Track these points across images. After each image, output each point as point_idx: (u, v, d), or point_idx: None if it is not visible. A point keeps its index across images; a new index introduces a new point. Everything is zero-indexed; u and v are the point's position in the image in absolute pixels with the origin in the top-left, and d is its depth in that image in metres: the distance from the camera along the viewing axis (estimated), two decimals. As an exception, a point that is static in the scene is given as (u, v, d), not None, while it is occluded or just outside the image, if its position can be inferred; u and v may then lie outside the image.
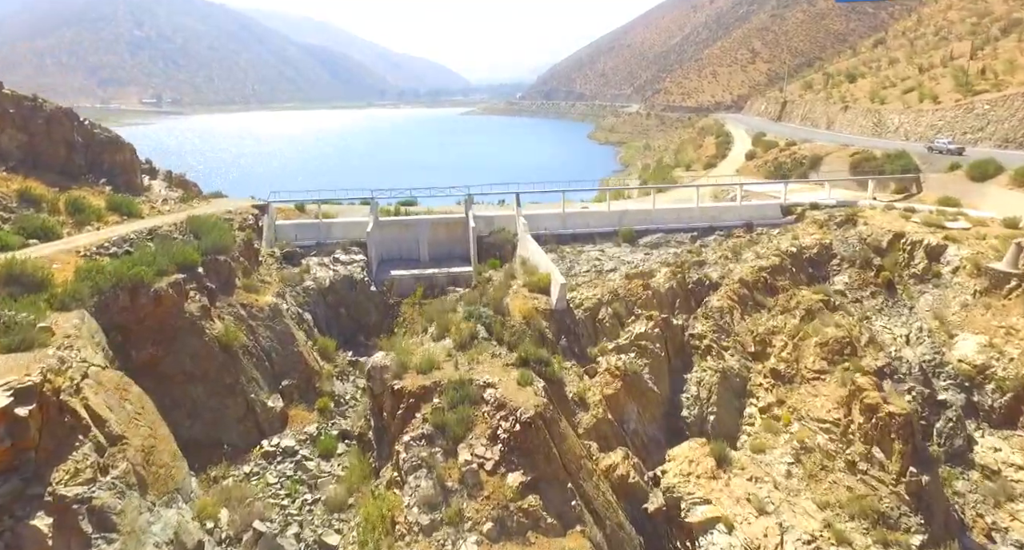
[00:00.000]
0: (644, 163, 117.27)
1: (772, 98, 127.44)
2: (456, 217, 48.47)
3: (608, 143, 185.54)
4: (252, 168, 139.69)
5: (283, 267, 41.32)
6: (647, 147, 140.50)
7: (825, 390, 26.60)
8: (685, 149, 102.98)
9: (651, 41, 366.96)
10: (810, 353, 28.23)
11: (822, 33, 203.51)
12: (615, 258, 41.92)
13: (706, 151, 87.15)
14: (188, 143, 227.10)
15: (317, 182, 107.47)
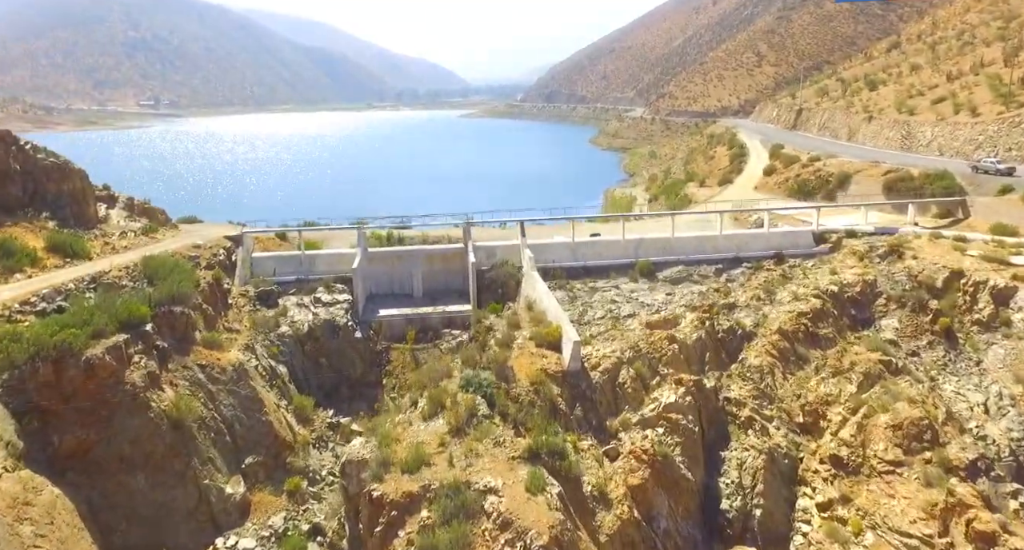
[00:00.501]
0: (651, 173, 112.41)
1: (784, 105, 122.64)
2: (453, 248, 43.58)
3: (611, 149, 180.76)
4: (242, 179, 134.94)
5: (257, 309, 36.39)
6: (652, 155, 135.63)
7: (905, 489, 21.79)
8: (695, 159, 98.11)
9: (652, 43, 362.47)
10: (880, 437, 23.38)
11: (830, 36, 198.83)
12: (633, 299, 36.99)
13: (719, 163, 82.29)
14: (181, 147, 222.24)
15: (308, 197, 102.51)
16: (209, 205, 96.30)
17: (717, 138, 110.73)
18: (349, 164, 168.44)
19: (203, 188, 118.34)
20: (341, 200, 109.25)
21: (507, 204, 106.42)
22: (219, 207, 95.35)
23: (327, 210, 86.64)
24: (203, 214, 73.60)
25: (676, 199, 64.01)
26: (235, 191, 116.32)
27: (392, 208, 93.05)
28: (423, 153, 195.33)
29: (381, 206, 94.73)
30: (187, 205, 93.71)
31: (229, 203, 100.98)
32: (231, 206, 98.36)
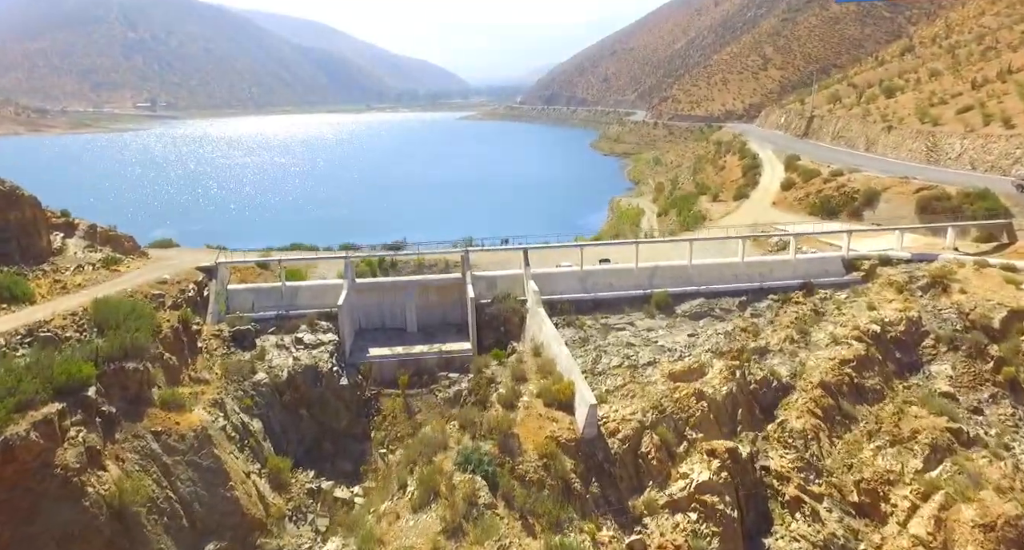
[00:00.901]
0: (657, 181, 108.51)
1: (793, 110, 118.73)
2: (450, 279, 39.69)
3: (613, 154, 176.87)
4: (230, 186, 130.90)
5: (231, 352, 32.45)
6: (657, 162, 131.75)
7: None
8: (703, 168, 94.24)
9: (654, 45, 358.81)
10: (968, 539, 19.47)
11: (836, 39, 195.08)
12: (651, 342, 33.01)
13: (731, 174, 78.41)
14: (175, 152, 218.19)
15: (300, 210, 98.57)
16: (192, 220, 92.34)
17: (725, 146, 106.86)
18: (344, 168, 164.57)
19: (186, 200, 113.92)
20: (334, 209, 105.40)
21: (508, 213, 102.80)
22: (204, 220, 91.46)
23: (318, 224, 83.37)
24: (183, 234, 69.72)
25: (689, 215, 60.18)
26: (222, 200, 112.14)
27: (388, 218, 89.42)
28: (422, 157, 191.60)
29: (376, 217, 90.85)
30: (169, 220, 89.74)
31: (214, 217, 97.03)
32: (216, 220, 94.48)
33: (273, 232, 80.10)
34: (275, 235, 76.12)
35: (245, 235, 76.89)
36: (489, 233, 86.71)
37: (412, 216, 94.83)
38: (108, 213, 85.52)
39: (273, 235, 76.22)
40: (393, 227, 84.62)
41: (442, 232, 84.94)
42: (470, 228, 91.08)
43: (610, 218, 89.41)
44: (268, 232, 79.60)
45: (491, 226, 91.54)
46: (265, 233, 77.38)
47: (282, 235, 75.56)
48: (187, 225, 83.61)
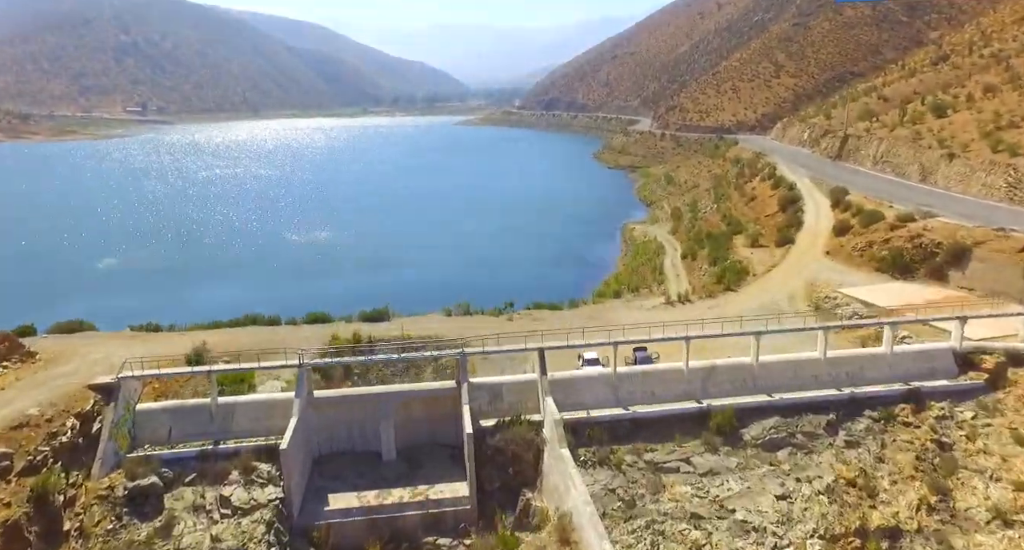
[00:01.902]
0: (672, 206, 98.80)
1: (818, 126, 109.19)
2: (441, 390, 29.88)
3: (618, 167, 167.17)
4: (200, 212, 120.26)
5: (123, 525, 22.62)
6: (669, 180, 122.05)
7: None
8: (727, 194, 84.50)
9: (655, 49, 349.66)
10: None
11: (852, 44, 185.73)
12: (723, 507, 23.22)
13: (764, 206, 68.71)
14: (157, 162, 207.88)
15: (274, 240, 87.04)
16: (136, 265, 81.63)
17: (748, 166, 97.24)
18: (331, 182, 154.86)
19: (142, 228, 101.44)
20: (312, 239, 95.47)
21: (508, 242, 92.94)
22: (154, 258, 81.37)
23: (289, 268, 72.75)
24: (113, 296, 59.99)
25: (726, 266, 50.44)
26: (186, 229, 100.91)
27: (372, 252, 79.14)
28: (416, 167, 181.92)
29: (358, 252, 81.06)
30: (107, 258, 79.21)
31: (167, 255, 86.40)
32: (168, 259, 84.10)
33: (234, 279, 70.36)
34: (235, 286, 66.32)
35: (194, 288, 66.98)
36: (487, 268, 77.04)
37: (400, 248, 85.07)
38: (22, 261, 74.86)
39: (232, 286, 66.42)
40: (378, 264, 74.85)
41: (433, 273, 74.97)
42: (465, 263, 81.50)
43: (624, 253, 79.60)
44: (227, 281, 69.71)
45: (489, 258, 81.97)
46: (222, 284, 67.49)
47: (244, 286, 65.66)
48: (118, 282, 71.77)
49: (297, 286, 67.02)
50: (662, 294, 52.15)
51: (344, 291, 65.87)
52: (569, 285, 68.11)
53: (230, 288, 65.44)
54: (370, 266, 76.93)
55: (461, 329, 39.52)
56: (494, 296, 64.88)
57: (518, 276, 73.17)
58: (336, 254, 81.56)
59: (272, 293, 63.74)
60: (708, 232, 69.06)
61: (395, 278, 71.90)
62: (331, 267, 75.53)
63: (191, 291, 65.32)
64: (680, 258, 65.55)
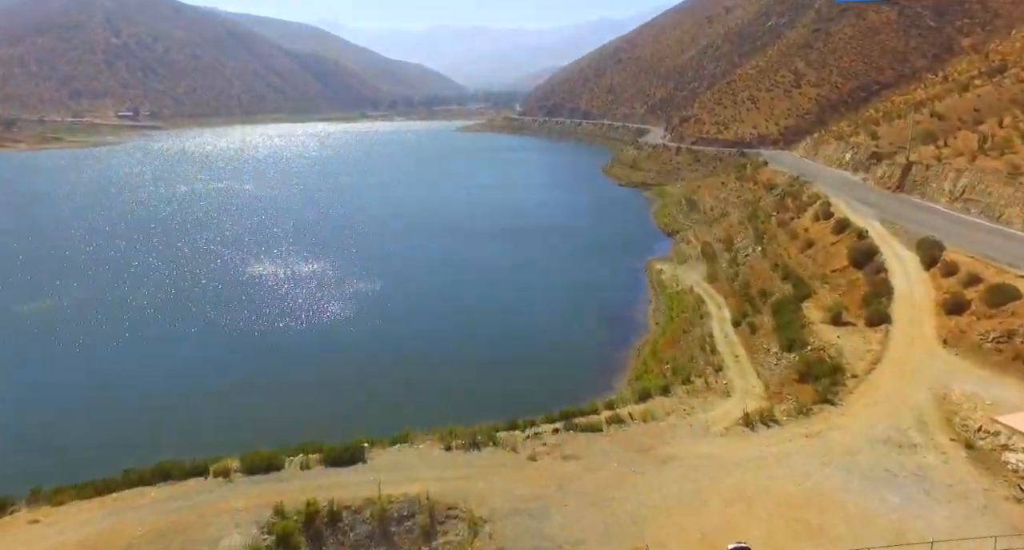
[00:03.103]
0: (702, 240, 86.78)
1: (863, 147, 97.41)
2: None
3: (631, 184, 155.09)
4: (160, 248, 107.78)
5: None
6: (691, 204, 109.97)
7: None
8: (771, 232, 72.38)
9: (662, 54, 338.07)
10: None
11: (877, 52, 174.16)
12: None
13: (829, 257, 56.71)
14: (138, 174, 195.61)
15: (237, 286, 70.22)
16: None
17: (787, 194, 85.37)
18: (315, 203, 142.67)
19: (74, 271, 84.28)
20: (279, 268, 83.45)
21: (517, 283, 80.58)
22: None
23: (243, 332, 58.00)
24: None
25: (810, 361, 38.34)
26: (132, 267, 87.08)
27: (352, 309, 65.96)
28: (411, 183, 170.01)
29: (337, 306, 68.64)
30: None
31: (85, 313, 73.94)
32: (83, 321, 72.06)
33: (155, 356, 57.51)
34: (153, 369, 53.29)
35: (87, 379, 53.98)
36: (492, 322, 64.69)
37: (385, 299, 72.84)
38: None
39: (150, 371, 53.45)
40: (357, 329, 62.47)
41: (424, 328, 62.87)
42: (465, 314, 69.13)
43: (654, 305, 67.41)
44: (143, 362, 56.57)
45: (495, 304, 70.02)
46: (134, 375, 54.31)
47: (165, 371, 52.31)
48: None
49: (241, 366, 54.52)
50: (725, 393, 40.11)
51: (305, 365, 53.72)
52: (593, 354, 56.12)
53: (142, 378, 52.58)
54: (343, 324, 64.76)
55: (464, 483, 27.66)
56: (501, 374, 52.86)
57: (529, 333, 61.21)
58: (303, 307, 69.12)
59: (204, 379, 51.38)
60: (761, 289, 57.03)
61: (375, 339, 59.79)
62: (293, 329, 63.13)
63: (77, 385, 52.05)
64: (731, 325, 53.35)
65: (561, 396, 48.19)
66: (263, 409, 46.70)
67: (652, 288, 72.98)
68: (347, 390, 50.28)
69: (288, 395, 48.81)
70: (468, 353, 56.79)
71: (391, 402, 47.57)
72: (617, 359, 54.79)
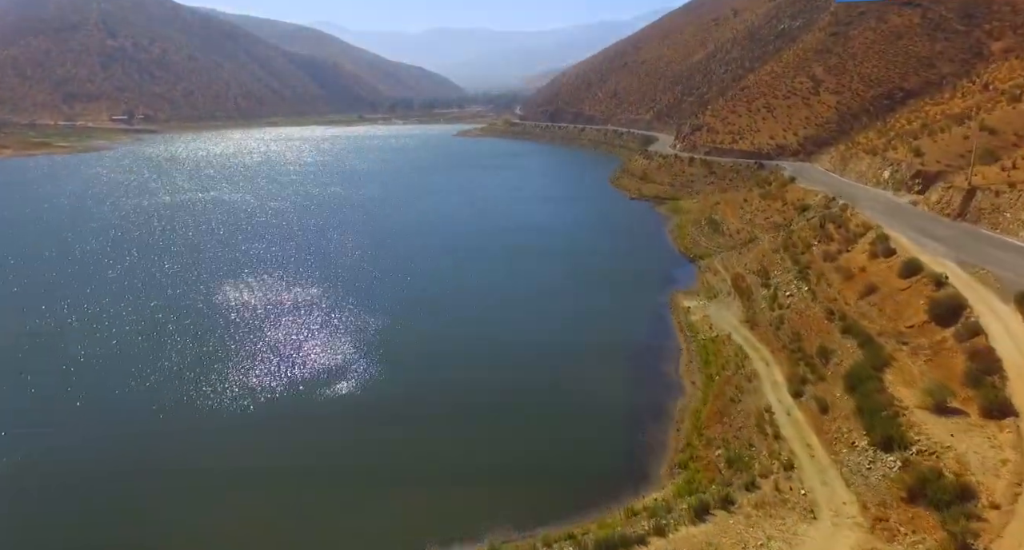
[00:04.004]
0: (732, 271, 77.66)
1: (904, 164, 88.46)
2: None
3: (642, 197, 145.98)
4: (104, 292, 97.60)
5: None
6: (713, 225, 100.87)
7: None
8: (815, 268, 63.44)
9: (667, 58, 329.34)
10: None
11: (901, 57, 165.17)
12: None
13: (899, 308, 47.64)
14: (123, 182, 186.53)
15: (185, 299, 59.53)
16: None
17: (825, 217, 76.27)
18: (303, 215, 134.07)
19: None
20: (245, 309, 74.69)
21: (525, 316, 71.35)
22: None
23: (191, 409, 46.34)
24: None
25: (923, 474, 29.41)
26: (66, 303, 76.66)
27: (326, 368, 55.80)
28: (406, 198, 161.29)
29: (302, 368, 59.36)
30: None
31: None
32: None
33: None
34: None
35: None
36: (501, 366, 55.80)
37: (367, 344, 63.78)
38: None
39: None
40: (329, 386, 53.19)
41: (411, 409, 50.24)
42: (464, 373, 59.48)
43: (687, 356, 58.24)
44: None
45: (496, 359, 57.78)
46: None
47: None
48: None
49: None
50: (807, 511, 30.94)
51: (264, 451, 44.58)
52: (620, 421, 47.12)
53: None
54: (318, 379, 55.78)
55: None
56: (503, 449, 43.65)
57: (540, 389, 52.17)
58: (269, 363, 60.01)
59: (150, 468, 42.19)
60: (820, 346, 47.87)
61: (347, 400, 50.69)
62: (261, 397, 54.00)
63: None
64: (788, 392, 44.22)
65: (585, 486, 39.37)
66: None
67: (681, 331, 63.80)
68: (323, 469, 41.29)
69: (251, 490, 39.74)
70: (462, 418, 47.74)
71: (359, 496, 38.63)
72: (652, 431, 45.70)
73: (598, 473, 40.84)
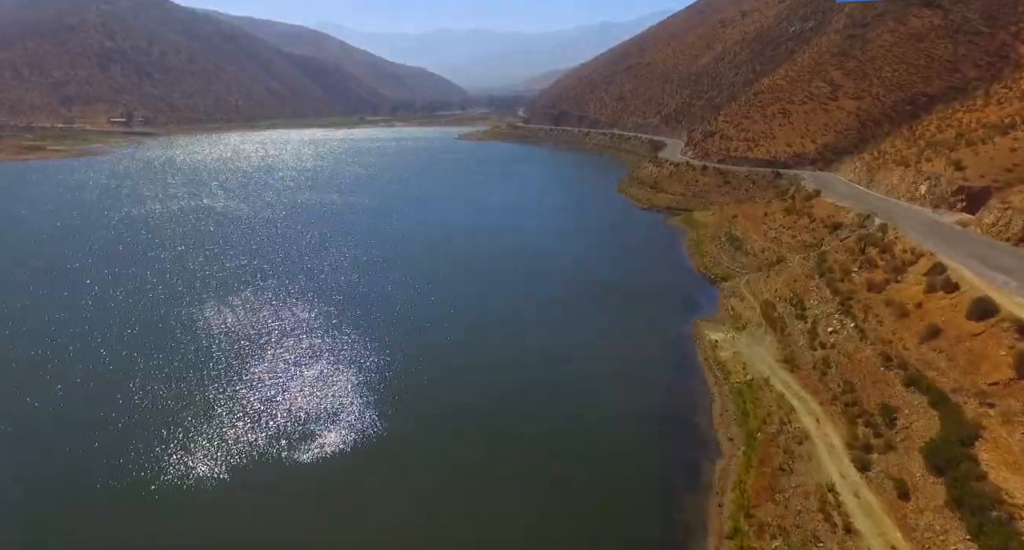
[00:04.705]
0: (761, 298, 70.93)
1: (944, 179, 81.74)
2: None
3: (653, 207, 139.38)
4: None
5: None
6: (734, 243, 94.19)
7: None
8: (859, 298, 56.81)
9: (674, 60, 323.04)
10: None
11: (923, 60, 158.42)
12: None
13: (976, 359, 41.21)
14: (114, 188, 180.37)
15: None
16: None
17: (871, 243, 69.54)
18: (300, 228, 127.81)
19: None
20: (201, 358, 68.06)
21: (530, 366, 63.41)
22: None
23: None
24: None
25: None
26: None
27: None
28: (408, 203, 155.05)
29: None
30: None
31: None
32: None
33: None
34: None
35: None
36: (495, 433, 48.65)
37: (360, 388, 57.12)
38: None
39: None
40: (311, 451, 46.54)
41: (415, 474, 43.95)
42: (464, 423, 52.08)
43: (720, 402, 51.64)
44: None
45: (504, 404, 49.41)
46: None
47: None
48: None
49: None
50: None
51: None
52: (646, 488, 40.53)
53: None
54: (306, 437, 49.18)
55: None
56: (520, 518, 36.81)
57: (553, 442, 45.55)
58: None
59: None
60: (882, 404, 41.25)
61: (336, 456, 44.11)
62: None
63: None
64: (854, 465, 37.55)
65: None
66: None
67: (709, 370, 57.11)
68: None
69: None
70: (460, 492, 41.10)
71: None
72: (689, 504, 39.07)
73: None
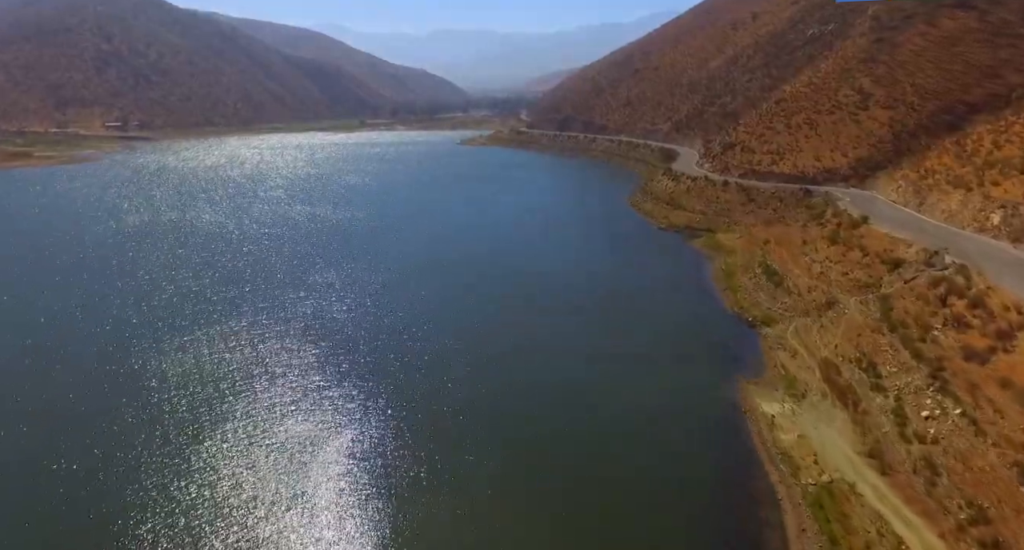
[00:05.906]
0: (820, 357, 60.24)
1: (1012, 208, 70.91)
2: None
3: (672, 227, 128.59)
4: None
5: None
6: (772, 277, 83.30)
7: None
8: (969, 384, 45.98)
9: (683, 64, 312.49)
10: None
11: (959, 66, 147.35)
12: None
13: None
14: (95, 200, 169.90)
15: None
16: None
17: (954, 292, 58.85)
18: (287, 245, 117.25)
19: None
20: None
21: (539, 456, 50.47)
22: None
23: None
24: None
25: None
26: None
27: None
28: (407, 219, 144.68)
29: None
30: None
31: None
32: None
33: None
34: None
35: None
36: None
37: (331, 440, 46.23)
38: None
39: None
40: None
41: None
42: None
43: (790, 512, 40.85)
44: None
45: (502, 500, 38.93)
46: None
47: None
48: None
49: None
50: None
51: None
52: None
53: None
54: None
55: None
56: None
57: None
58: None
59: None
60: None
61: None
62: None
63: None
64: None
65: None
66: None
67: (771, 460, 46.21)
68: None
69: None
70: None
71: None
72: None
73: None
